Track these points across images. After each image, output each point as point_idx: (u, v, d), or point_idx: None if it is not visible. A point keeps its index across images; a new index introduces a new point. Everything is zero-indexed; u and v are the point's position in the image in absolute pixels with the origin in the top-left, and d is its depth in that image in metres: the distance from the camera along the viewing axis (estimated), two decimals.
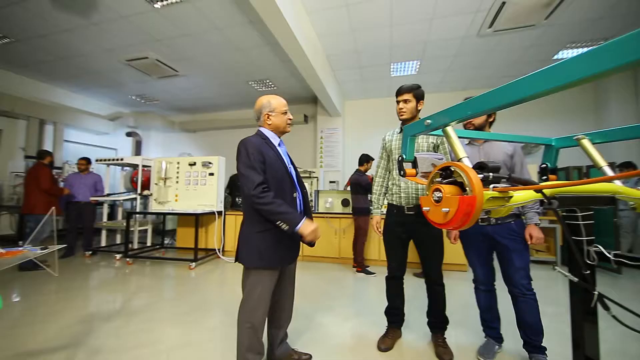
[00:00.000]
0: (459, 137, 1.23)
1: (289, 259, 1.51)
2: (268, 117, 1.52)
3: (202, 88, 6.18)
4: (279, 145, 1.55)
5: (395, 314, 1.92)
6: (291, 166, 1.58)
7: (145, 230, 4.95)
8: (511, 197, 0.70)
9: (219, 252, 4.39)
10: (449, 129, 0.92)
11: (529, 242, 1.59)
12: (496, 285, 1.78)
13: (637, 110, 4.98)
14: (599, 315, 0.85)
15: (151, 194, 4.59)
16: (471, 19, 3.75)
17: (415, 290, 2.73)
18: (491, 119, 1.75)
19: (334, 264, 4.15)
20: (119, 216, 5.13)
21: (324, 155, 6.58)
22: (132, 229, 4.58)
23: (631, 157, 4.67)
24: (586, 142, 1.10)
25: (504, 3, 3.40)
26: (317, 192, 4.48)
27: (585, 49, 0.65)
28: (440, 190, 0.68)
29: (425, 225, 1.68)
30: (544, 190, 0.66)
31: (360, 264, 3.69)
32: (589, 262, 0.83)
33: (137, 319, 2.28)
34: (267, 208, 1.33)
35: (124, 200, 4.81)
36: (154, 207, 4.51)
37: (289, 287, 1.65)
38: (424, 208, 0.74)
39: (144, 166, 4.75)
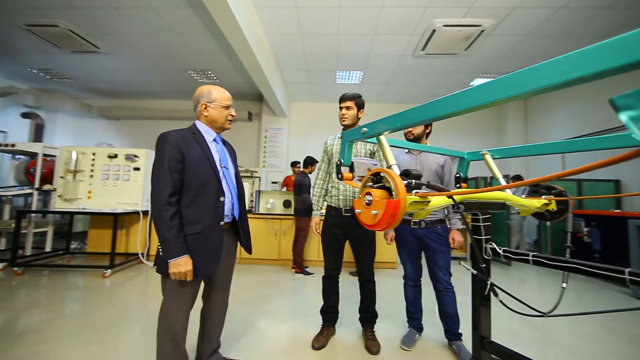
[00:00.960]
0: (399, 147, 1.36)
1: (210, 267, 1.34)
2: (205, 108, 1.39)
3: (130, 71, 5.45)
4: (214, 141, 1.43)
5: (330, 312, 1.99)
6: (229, 166, 1.47)
7: (44, 233, 4.11)
8: (429, 201, 0.79)
9: (143, 256, 3.90)
10: (382, 137, 1.00)
11: (451, 245, 1.83)
12: (422, 281, 2.00)
13: (526, 133, 6.20)
14: (492, 300, 1.02)
15: (54, 190, 3.83)
16: (407, 41, 4.16)
17: (349, 288, 2.87)
18: (428, 130, 1.96)
19: (273, 265, 4.09)
20: (5, 215, 4.15)
21: (268, 155, 6.47)
22: (24, 231, 3.75)
23: (521, 170, 5.79)
24: (488, 157, 1.31)
25: (434, 31, 3.86)
26: (259, 192, 4.37)
27: (489, 80, 0.78)
28: (370, 194, 0.73)
29: (360, 227, 1.78)
30: (454, 197, 0.77)
31: (299, 265, 3.72)
32: (486, 257, 0.99)
33: (26, 341, 1.87)
34: (158, 225, 1.21)
35: (14, 195, 3.91)
36: (57, 204, 3.77)
37: (219, 295, 1.52)
38: (356, 210, 0.78)
39: (45, 155, 3.95)
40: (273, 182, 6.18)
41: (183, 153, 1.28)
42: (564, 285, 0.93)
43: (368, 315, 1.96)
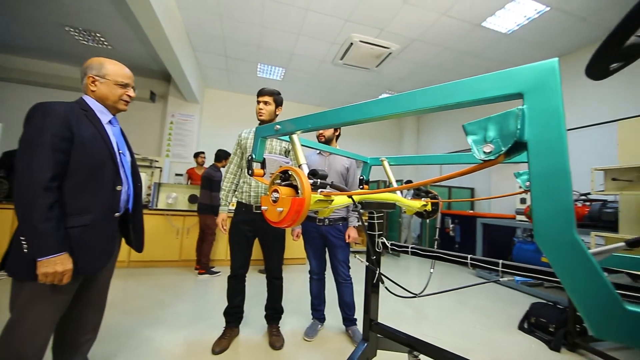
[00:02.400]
0: (311, 147, 1.41)
1: (99, 262, 1.14)
2: (93, 82, 1.15)
3: None
4: (110, 123, 1.20)
5: (234, 313, 1.91)
6: (125, 153, 1.26)
7: None
8: (332, 200, 0.85)
9: None
10: (294, 136, 1.02)
11: (347, 240, 2.00)
12: (326, 274, 2.13)
13: (418, 145, 7.42)
14: (380, 287, 1.18)
15: None
16: (328, 48, 4.38)
17: (256, 286, 2.83)
18: (337, 134, 2.10)
19: (173, 267, 3.66)
20: None
21: (173, 143, 5.72)
22: None
23: (412, 176, 6.88)
24: (386, 163, 1.50)
25: (351, 44, 4.19)
26: (158, 185, 3.83)
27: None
28: (277, 191, 0.73)
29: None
30: (354, 197, 0.85)
31: (204, 266, 3.43)
32: (377, 250, 1.14)
33: None
34: (30, 214, 0.94)
35: None
36: None
37: (90, 316, 1.26)
38: (262, 207, 0.77)
39: None
40: (177, 175, 5.50)
41: (73, 131, 1.04)
42: (432, 270, 1.15)
43: (274, 311, 1.97)
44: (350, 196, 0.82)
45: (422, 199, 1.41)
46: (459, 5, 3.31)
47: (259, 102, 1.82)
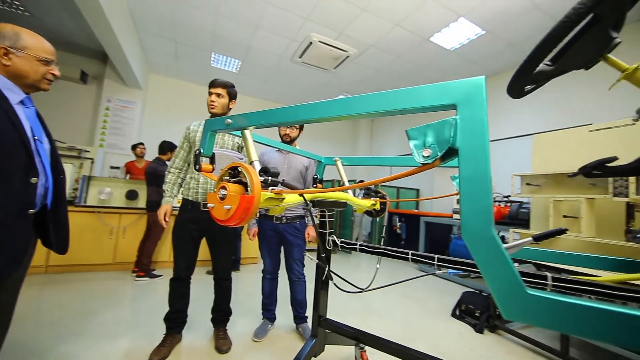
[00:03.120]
0: (266, 145, 1.38)
1: (7, 267, 0.98)
2: (6, 55, 0.97)
3: None
4: (22, 104, 1.03)
5: (176, 318, 1.78)
6: (42, 140, 1.08)
7: None
8: (284, 198, 0.85)
9: None
10: (247, 132, 0.99)
11: (306, 240, 2.03)
12: (279, 273, 2.12)
13: (371, 146, 7.78)
14: (330, 284, 1.21)
15: None
16: (287, 44, 4.33)
17: (203, 288, 2.68)
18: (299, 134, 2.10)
19: (105, 272, 3.26)
20: None
21: (109, 132, 5.08)
22: None
23: (364, 176, 7.19)
24: (339, 163, 1.54)
25: (310, 43, 4.20)
26: (87, 178, 3.37)
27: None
28: (225, 188, 0.70)
29: None
30: (305, 195, 0.86)
31: (143, 268, 3.13)
32: (328, 247, 1.16)
33: None
34: None
35: None
36: None
37: None
38: (208, 205, 0.73)
39: None
40: (113, 167, 4.90)
41: None
42: (378, 266, 1.22)
43: (221, 314, 1.88)
44: (301, 195, 0.82)
45: (372, 198, 1.48)
46: (411, 19, 3.55)
47: (210, 93, 1.72)
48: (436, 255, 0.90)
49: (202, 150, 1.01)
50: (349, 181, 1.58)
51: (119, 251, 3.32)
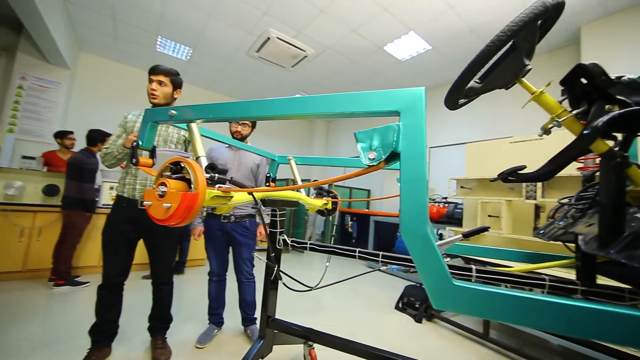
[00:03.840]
0: (215, 140, 1.30)
1: None
2: None
3: None
4: None
5: (105, 330, 1.58)
6: None
7: None
8: (232, 197, 0.81)
9: None
10: (193, 125, 0.93)
11: (258, 238, 1.97)
12: (227, 275, 2.02)
13: (327, 147, 7.92)
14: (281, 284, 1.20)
15: None
16: (243, 37, 4.17)
17: (136, 295, 2.43)
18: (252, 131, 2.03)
19: (14, 281, 2.75)
20: None
21: (22, 115, 4.27)
22: None
23: (319, 176, 7.28)
24: (292, 162, 1.54)
25: (268, 38, 4.11)
26: None
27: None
28: (165, 185, 0.65)
29: None
30: (255, 194, 0.84)
31: (62, 275, 2.70)
32: (278, 247, 1.15)
33: None
34: None
35: None
36: None
37: None
38: (145, 202, 0.67)
39: None
40: (25, 157, 4.11)
41: None
42: (327, 264, 1.25)
43: (160, 322, 1.73)
44: (251, 193, 0.80)
45: (324, 198, 1.51)
46: (367, 27, 3.71)
47: (151, 80, 1.57)
48: (381, 252, 0.96)
49: (140, 143, 0.91)
50: (303, 181, 1.59)
51: (31, 256, 2.83)
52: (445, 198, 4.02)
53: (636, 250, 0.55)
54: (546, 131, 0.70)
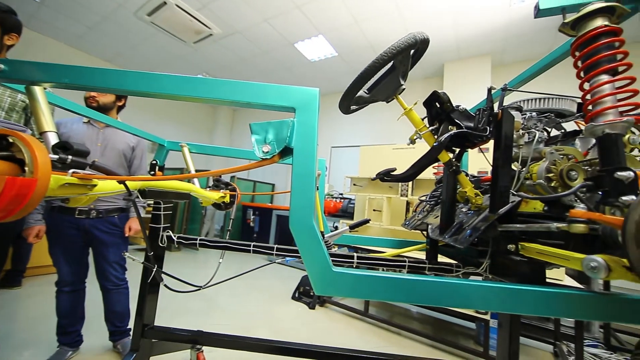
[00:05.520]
0: (75, 112, 1.01)
1: None
2: None
3: None
4: None
5: None
6: None
7: None
8: (95, 185, 0.66)
9: None
10: (37, 89, 0.70)
11: (127, 234, 1.63)
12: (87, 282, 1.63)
13: (231, 137, 7.46)
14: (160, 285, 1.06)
15: None
16: None
17: None
18: (121, 103, 1.66)
19: None
20: None
21: None
22: None
23: (221, 168, 6.80)
24: (186, 150, 1.38)
25: (165, 3, 3.53)
26: None
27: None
28: None
29: None
30: (129, 183, 0.71)
31: None
32: (161, 244, 1.01)
33: None
34: None
35: None
36: None
37: None
38: None
39: None
40: None
41: None
42: (221, 260, 1.18)
43: None
44: (123, 182, 0.66)
45: (221, 190, 1.42)
46: (279, 20, 3.67)
47: None
48: (275, 246, 0.97)
49: None
50: (198, 172, 1.44)
51: None
52: (341, 194, 4.44)
53: (459, 235, 0.75)
54: (412, 141, 0.87)
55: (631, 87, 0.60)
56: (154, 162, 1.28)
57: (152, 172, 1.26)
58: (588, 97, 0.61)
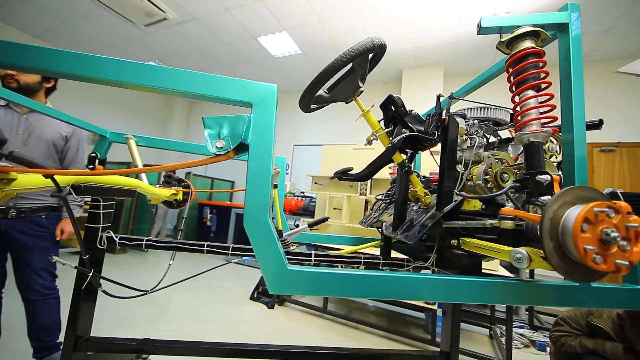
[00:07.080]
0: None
1: None
2: None
3: None
4: None
5: None
6: None
7: None
8: (14, 179, 0.57)
9: None
10: None
11: (58, 238, 1.45)
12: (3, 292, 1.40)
13: (187, 132, 7.00)
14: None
15: None
16: None
17: None
18: (49, 85, 1.46)
19: None
20: None
21: None
22: None
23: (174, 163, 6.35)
24: (132, 142, 1.27)
25: None
26: None
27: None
28: None
29: None
30: (61, 178, 0.62)
31: None
32: (100, 246, 0.91)
33: None
34: None
35: None
36: None
37: None
38: None
39: None
40: None
41: None
42: (171, 262, 1.11)
43: None
44: (50, 176, 0.58)
45: (173, 187, 1.32)
46: (240, 10, 3.53)
47: None
48: (231, 245, 0.94)
49: None
50: (145, 166, 1.32)
51: None
52: (303, 192, 4.45)
53: (409, 232, 0.80)
54: (369, 142, 0.90)
55: (550, 103, 0.70)
56: (94, 154, 1.14)
57: (91, 166, 1.13)
58: (518, 109, 0.69)
